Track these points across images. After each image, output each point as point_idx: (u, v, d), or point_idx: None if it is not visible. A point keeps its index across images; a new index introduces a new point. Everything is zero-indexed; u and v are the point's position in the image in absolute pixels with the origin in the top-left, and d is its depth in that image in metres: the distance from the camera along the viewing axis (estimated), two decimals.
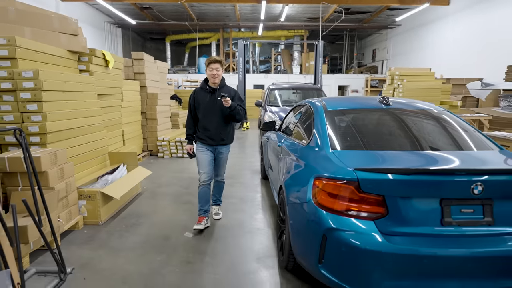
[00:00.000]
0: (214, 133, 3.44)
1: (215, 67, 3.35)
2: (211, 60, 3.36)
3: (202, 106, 3.44)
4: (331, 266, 2.00)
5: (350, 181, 1.95)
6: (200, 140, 3.51)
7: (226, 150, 3.61)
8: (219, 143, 3.49)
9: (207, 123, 3.44)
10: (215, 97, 3.40)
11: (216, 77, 3.38)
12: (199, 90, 3.50)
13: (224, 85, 3.51)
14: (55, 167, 3.14)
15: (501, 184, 1.91)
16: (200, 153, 3.49)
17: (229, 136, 3.58)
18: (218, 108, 3.38)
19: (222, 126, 3.46)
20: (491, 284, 1.85)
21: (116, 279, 2.58)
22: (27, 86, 3.33)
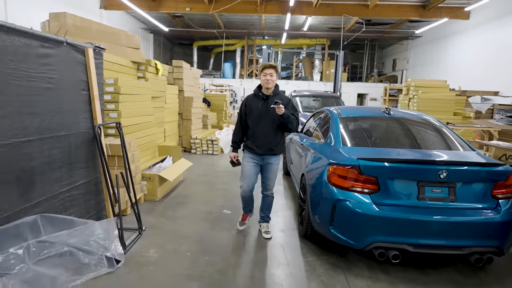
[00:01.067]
0: (263, 142, 3.32)
1: (269, 72, 3.26)
2: (265, 65, 3.28)
3: (254, 113, 3.35)
4: (338, 227, 2.83)
5: (354, 167, 2.78)
6: (248, 149, 3.41)
7: (276, 161, 3.41)
8: (267, 153, 3.34)
9: (257, 131, 3.33)
10: (268, 104, 3.29)
11: (270, 83, 3.28)
12: (252, 97, 3.43)
13: (278, 93, 3.40)
14: (130, 153, 4.11)
15: (461, 172, 2.70)
16: (245, 163, 3.40)
17: (279, 146, 3.40)
18: (270, 115, 3.27)
19: (272, 135, 3.33)
20: (451, 242, 2.63)
21: (177, 235, 3.49)
22: (109, 90, 4.33)
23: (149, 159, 5.37)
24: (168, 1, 13.59)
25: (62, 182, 2.60)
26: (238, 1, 12.42)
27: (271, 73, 3.27)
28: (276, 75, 3.29)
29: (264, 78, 3.29)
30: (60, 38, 2.51)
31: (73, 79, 2.70)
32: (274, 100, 3.22)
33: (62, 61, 2.56)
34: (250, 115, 3.40)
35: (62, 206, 2.62)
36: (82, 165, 2.81)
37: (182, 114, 8.47)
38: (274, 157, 3.41)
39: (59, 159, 2.54)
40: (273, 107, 3.20)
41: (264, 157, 3.37)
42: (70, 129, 2.65)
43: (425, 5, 13.03)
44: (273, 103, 3.19)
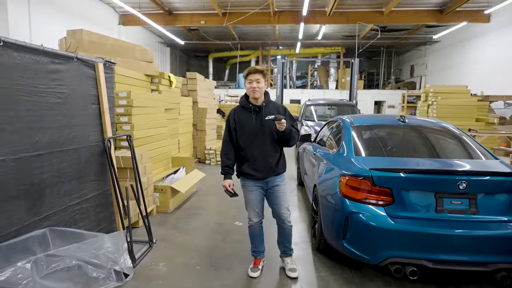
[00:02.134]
0: (263, 163, 2.74)
1: (254, 78, 2.65)
2: (250, 70, 2.69)
3: (247, 130, 2.73)
4: (351, 240, 2.71)
5: (366, 178, 2.67)
6: (246, 176, 2.79)
7: (282, 181, 2.86)
8: (269, 175, 2.78)
9: (254, 151, 2.73)
10: (262, 117, 2.72)
11: (257, 91, 2.66)
12: (240, 109, 2.79)
13: (269, 101, 2.83)
14: (141, 165, 4.14)
15: (482, 183, 2.53)
16: (248, 192, 2.83)
17: (281, 163, 2.85)
18: (266, 131, 2.70)
19: (271, 153, 2.77)
20: (473, 257, 2.46)
21: (189, 248, 3.45)
22: (122, 103, 4.40)
23: (162, 171, 5.40)
24: (183, 15, 13.92)
25: (72, 195, 2.63)
26: (251, 13, 12.57)
27: (258, 80, 2.66)
28: (264, 81, 2.71)
29: (249, 86, 2.68)
30: (70, 54, 2.57)
31: (83, 93, 2.75)
32: (269, 112, 2.74)
33: (72, 76, 2.62)
34: (241, 132, 2.76)
35: (72, 219, 2.64)
36: (92, 178, 2.84)
37: (196, 125, 8.54)
38: (278, 177, 2.84)
39: (69, 172, 2.57)
40: (269, 120, 2.70)
41: (267, 181, 2.80)
42: (80, 142, 2.68)
43: (442, 10, 12.77)
44: (270, 116, 2.70)
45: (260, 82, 2.68)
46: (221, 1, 12.26)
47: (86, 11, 11.58)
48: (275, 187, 2.83)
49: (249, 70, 2.69)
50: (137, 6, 12.07)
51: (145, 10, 12.94)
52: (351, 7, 12.74)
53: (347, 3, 12.30)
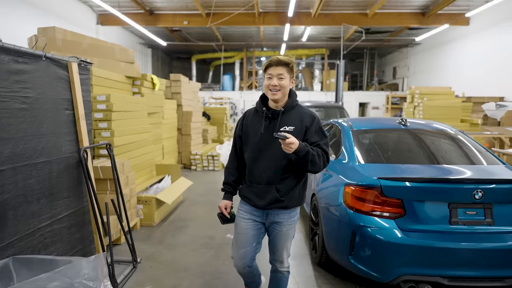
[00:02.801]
0: (265, 189, 1.98)
1: (276, 73, 1.92)
2: (271, 61, 1.94)
3: (252, 139, 2.01)
4: (359, 257, 2.47)
5: (374, 187, 2.44)
6: (243, 198, 2.12)
7: (290, 218, 2.04)
8: (271, 206, 1.99)
9: (257, 171, 2.01)
10: (276, 126, 1.97)
11: (278, 92, 1.92)
12: (253, 112, 2.10)
13: (295, 106, 2.03)
14: (123, 175, 3.78)
15: (498, 191, 2.35)
16: (240, 220, 2.10)
17: (294, 195, 2.02)
18: (279, 146, 1.85)
19: (282, 178, 1.97)
20: (491, 272, 2.27)
21: (177, 268, 3.12)
22: (100, 108, 4.03)
23: (146, 179, 5.03)
24: (165, 15, 13.49)
25: (41, 216, 2.27)
26: (236, 14, 12.29)
27: (280, 75, 1.91)
28: (290, 79, 1.96)
29: (268, 83, 1.94)
30: (37, 52, 2.22)
31: (54, 98, 2.39)
32: (287, 122, 1.97)
33: (41, 78, 2.26)
34: (246, 141, 2.05)
35: (41, 243, 2.27)
36: (65, 195, 2.48)
37: (181, 130, 8.17)
38: (284, 212, 2.02)
39: (37, 189, 2.21)
40: (286, 130, 1.95)
41: (269, 213, 2.03)
42: (51, 154, 2.33)
43: (424, 12, 12.90)
44: (278, 133, 1.78)
45: (284, 78, 1.92)
46: (205, 1, 11.93)
47: (61, 10, 10.99)
48: (276, 225, 2.04)
49: (270, 61, 1.95)
50: (116, 5, 11.56)
51: (124, 10, 12.44)
52: (336, 9, 12.69)
53: (332, 5, 12.22)
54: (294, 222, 2.10)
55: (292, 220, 2.08)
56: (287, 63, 1.94)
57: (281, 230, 2.06)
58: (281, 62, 1.94)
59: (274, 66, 1.94)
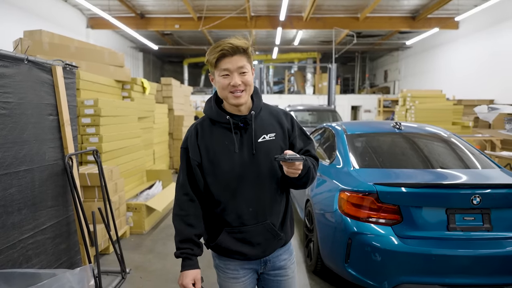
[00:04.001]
0: (259, 229, 1.42)
1: (235, 66, 1.31)
2: (224, 50, 1.29)
3: (227, 168, 1.38)
4: (355, 265, 2.40)
5: (370, 193, 2.38)
6: (227, 254, 1.46)
7: (290, 257, 1.57)
8: (271, 248, 1.48)
9: (241, 207, 1.41)
10: (252, 138, 1.40)
11: (242, 93, 1.35)
12: (208, 126, 1.43)
13: (261, 106, 1.47)
14: (111, 182, 3.66)
15: (496, 196, 2.31)
16: (228, 282, 1.49)
17: (287, 225, 1.53)
18: (263, 164, 1.40)
19: (274, 206, 1.45)
20: (490, 279, 2.22)
21: (168, 278, 3.02)
22: (88, 113, 3.91)
23: (136, 186, 4.91)
24: (156, 19, 13.40)
25: (23, 227, 2.15)
26: (227, 17, 12.26)
27: (241, 68, 1.33)
28: (251, 68, 1.38)
29: (226, 82, 1.33)
30: (18, 55, 2.11)
31: (37, 103, 2.28)
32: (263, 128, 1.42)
33: (22, 82, 2.15)
34: (215, 172, 1.40)
35: (23, 256, 2.15)
36: (49, 204, 2.36)
37: (172, 134, 8.05)
38: (285, 250, 1.54)
39: (18, 199, 2.09)
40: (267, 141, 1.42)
41: (267, 260, 1.49)
42: (33, 162, 2.21)
43: (414, 17, 13.05)
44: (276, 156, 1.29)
45: (247, 72, 1.34)
46: (196, 5, 11.88)
47: (51, 13, 10.82)
48: (280, 271, 1.51)
49: (222, 50, 1.29)
50: (106, 9, 11.42)
51: (115, 13, 12.30)
52: (328, 13, 12.75)
53: (324, 9, 12.27)
54: (295, 259, 1.60)
55: (293, 256, 1.58)
56: (245, 49, 1.32)
57: (287, 276, 1.53)
58: (238, 49, 1.30)
59: (229, 56, 1.30)
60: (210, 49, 1.34)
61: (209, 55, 1.34)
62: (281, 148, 1.43)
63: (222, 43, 1.30)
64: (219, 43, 1.32)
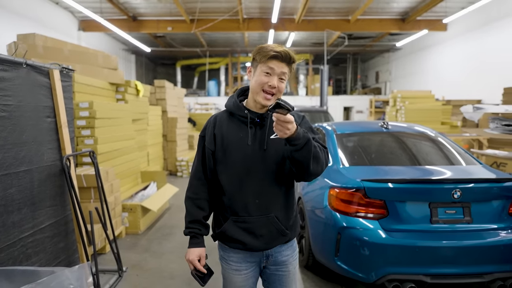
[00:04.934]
0: (263, 221, 1.48)
1: (279, 71, 1.41)
2: (278, 53, 1.38)
3: (235, 154, 1.47)
4: (345, 258, 2.51)
5: (358, 189, 2.49)
6: (231, 243, 1.54)
7: (293, 253, 1.60)
8: (274, 243, 1.52)
9: (248, 198, 1.47)
10: (266, 134, 1.48)
11: (272, 97, 1.43)
12: (226, 119, 1.54)
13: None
14: (107, 183, 3.72)
15: (476, 190, 2.45)
16: (231, 274, 1.57)
17: (293, 221, 1.57)
18: (273, 159, 1.47)
19: (279, 201, 1.50)
20: (471, 269, 2.35)
21: (164, 275, 3.09)
22: (83, 115, 3.97)
23: (131, 187, 4.97)
24: (149, 21, 13.42)
25: (23, 226, 2.21)
26: (220, 20, 12.35)
27: (283, 74, 1.42)
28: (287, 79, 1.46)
29: (265, 80, 1.41)
30: (18, 59, 2.18)
31: (35, 105, 2.35)
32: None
33: (21, 86, 2.22)
34: (226, 160, 1.49)
35: (23, 254, 2.22)
36: (48, 204, 2.43)
37: (166, 136, 8.11)
38: (289, 246, 1.58)
39: (18, 199, 2.16)
40: (276, 139, 1.46)
41: (270, 254, 1.54)
42: (32, 163, 2.28)
43: (404, 19, 13.29)
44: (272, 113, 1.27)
45: (284, 80, 1.44)
46: (189, 7, 11.95)
47: (41, 16, 10.79)
48: (282, 266, 1.56)
49: (276, 52, 1.38)
50: (98, 11, 11.43)
51: (107, 16, 12.31)
52: (319, 15, 12.92)
53: (315, 11, 12.44)
54: (297, 255, 1.64)
55: (296, 253, 1.62)
56: (293, 61, 1.43)
57: (288, 271, 1.57)
58: (290, 58, 1.40)
59: (279, 60, 1.39)
60: (263, 46, 1.43)
61: (260, 51, 1.42)
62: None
63: (277, 47, 1.41)
64: (275, 45, 1.42)
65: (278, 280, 1.59)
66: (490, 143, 7.83)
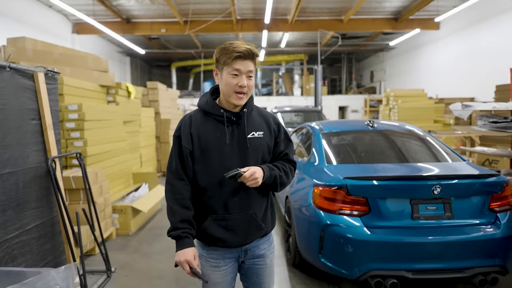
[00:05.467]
0: (242, 218, 1.53)
1: (246, 69, 1.44)
2: (242, 52, 1.41)
3: (213, 154, 1.50)
4: (328, 255, 2.55)
5: (341, 187, 2.53)
6: (210, 241, 1.55)
7: (270, 247, 1.67)
8: (252, 237, 1.58)
9: (227, 196, 1.51)
10: (244, 132, 1.53)
11: (244, 96, 1.48)
12: (201, 118, 1.54)
13: (252, 107, 1.60)
14: (97, 185, 3.74)
15: (456, 186, 2.49)
16: (211, 271, 1.57)
17: (268, 217, 1.64)
18: (252, 158, 1.53)
19: (256, 198, 1.57)
20: (452, 264, 2.39)
21: (152, 275, 3.12)
22: (72, 117, 3.98)
23: (123, 188, 4.98)
24: (142, 23, 13.44)
25: (8, 227, 2.23)
26: (213, 21, 12.38)
27: (250, 72, 1.46)
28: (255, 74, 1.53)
29: (234, 81, 1.45)
30: (1, 63, 2.20)
31: (19, 108, 2.37)
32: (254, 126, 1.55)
33: (4, 89, 2.24)
34: (205, 161, 1.51)
35: (9, 255, 2.23)
36: (33, 205, 2.44)
37: (159, 137, 8.13)
38: (265, 240, 1.65)
39: (2, 201, 2.17)
40: (256, 137, 1.54)
41: (248, 249, 1.60)
42: (16, 165, 2.30)
43: (397, 18, 13.37)
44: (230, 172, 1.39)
45: (252, 77, 1.48)
46: (182, 9, 11.97)
47: (35, 19, 10.78)
48: (259, 259, 1.62)
49: (239, 51, 1.40)
50: (91, 14, 11.43)
51: (100, 18, 12.31)
52: (312, 15, 12.99)
53: (308, 12, 12.50)
54: (274, 249, 1.71)
55: (273, 246, 1.69)
56: (256, 56, 1.46)
57: (265, 264, 1.63)
58: (252, 55, 1.43)
59: (243, 59, 1.42)
60: (224, 47, 1.44)
61: (222, 53, 1.44)
62: (267, 145, 1.58)
63: (239, 46, 1.41)
64: (235, 44, 1.42)
65: (255, 273, 1.63)
66: (481, 140, 7.90)
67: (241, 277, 1.69)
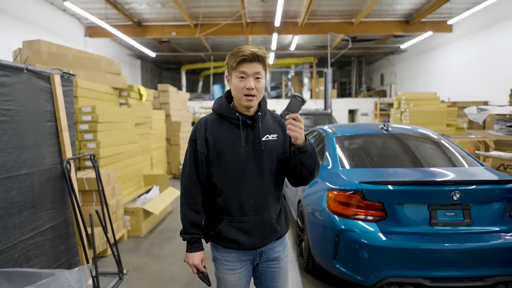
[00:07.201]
0: (258, 220, 1.53)
1: (252, 71, 1.45)
2: (244, 55, 1.42)
3: (229, 156, 1.51)
4: (343, 261, 2.50)
5: (356, 192, 2.48)
6: (224, 243, 1.57)
7: (284, 249, 1.67)
8: (267, 240, 1.58)
9: (243, 198, 1.52)
10: (258, 135, 1.53)
11: (254, 98, 1.47)
12: (217, 121, 1.56)
13: (266, 111, 1.61)
14: (109, 187, 3.75)
15: (476, 192, 2.42)
16: (225, 273, 1.60)
17: (283, 220, 1.65)
18: (266, 160, 1.53)
19: (272, 201, 1.57)
20: (471, 272, 2.32)
21: (164, 278, 3.10)
22: (86, 119, 4.02)
23: (134, 190, 5.01)
24: (153, 27, 13.57)
25: (24, 228, 2.25)
26: (223, 24, 12.43)
27: (257, 74, 1.46)
28: (265, 76, 1.51)
29: (242, 84, 1.45)
30: (18, 65, 2.23)
31: (36, 110, 2.40)
32: (268, 129, 1.56)
33: (22, 91, 2.27)
34: (221, 163, 1.52)
35: (24, 256, 2.25)
36: (48, 206, 2.46)
37: (170, 140, 8.17)
38: (280, 243, 1.64)
39: (19, 201, 2.19)
40: (270, 140, 1.54)
41: (263, 251, 1.59)
42: (33, 166, 2.32)
43: (408, 21, 13.23)
44: (285, 115, 1.42)
45: (261, 78, 1.47)
46: (193, 12, 12.06)
47: (49, 23, 10.98)
48: (274, 262, 1.62)
49: (243, 54, 1.42)
50: (104, 18, 11.60)
51: (112, 22, 12.48)
52: (322, 18, 12.94)
53: (318, 14, 12.46)
54: (288, 251, 1.71)
55: (287, 249, 1.69)
56: (263, 58, 1.46)
57: (280, 267, 1.63)
58: (257, 57, 1.43)
59: (249, 62, 1.43)
60: (232, 53, 1.48)
61: (230, 58, 1.48)
62: (281, 148, 1.58)
63: (244, 50, 1.44)
64: (241, 49, 1.46)
65: (270, 276, 1.63)
66: (496, 145, 7.73)
67: (255, 280, 1.69)
